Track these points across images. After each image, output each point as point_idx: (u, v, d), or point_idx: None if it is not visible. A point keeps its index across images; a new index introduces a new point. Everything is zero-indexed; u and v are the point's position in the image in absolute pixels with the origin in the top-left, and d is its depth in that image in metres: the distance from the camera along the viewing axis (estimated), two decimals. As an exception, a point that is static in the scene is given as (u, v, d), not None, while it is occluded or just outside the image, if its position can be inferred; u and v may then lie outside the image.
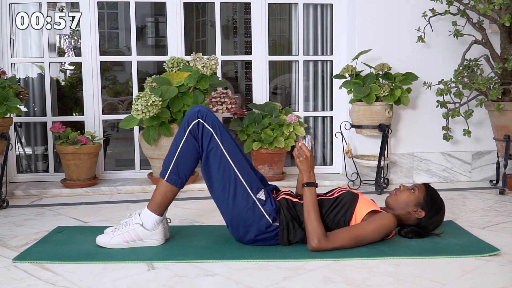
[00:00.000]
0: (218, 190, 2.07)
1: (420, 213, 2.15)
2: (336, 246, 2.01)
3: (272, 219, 2.06)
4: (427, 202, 2.14)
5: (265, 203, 2.07)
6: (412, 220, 2.18)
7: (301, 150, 2.09)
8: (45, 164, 3.91)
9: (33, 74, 3.93)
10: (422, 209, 2.14)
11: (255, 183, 2.09)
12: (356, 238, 2.03)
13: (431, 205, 2.15)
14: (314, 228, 2.00)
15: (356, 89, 3.32)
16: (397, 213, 2.17)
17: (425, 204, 2.14)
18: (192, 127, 2.08)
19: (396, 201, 2.18)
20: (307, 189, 2.06)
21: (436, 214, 2.17)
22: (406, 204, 2.15)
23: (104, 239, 2.09)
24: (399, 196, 2.17)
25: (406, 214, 2.17)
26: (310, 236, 2.00)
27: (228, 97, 3.33)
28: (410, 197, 2.15)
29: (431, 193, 2.17)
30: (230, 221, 2.09)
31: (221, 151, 2.06)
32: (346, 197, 2.12)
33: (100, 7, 3.81)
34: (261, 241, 2.10)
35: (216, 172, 2.06)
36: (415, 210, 2.15)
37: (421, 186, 2.19)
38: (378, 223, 2.05)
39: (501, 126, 3.28)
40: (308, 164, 2.08)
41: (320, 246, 1.99)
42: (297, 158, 2.10)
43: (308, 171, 2.08)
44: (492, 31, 3.57)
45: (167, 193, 2.09)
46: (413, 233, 2.18)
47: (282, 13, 5.86)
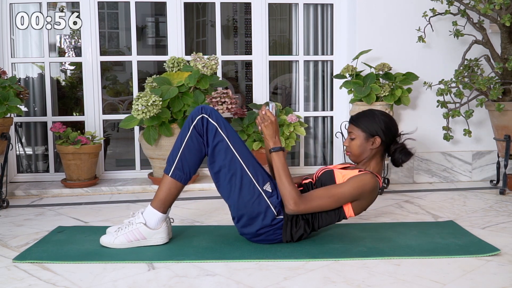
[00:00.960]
0: (225, 183, 2.07)
1: (376, 140, 2.16)
2: (313, 205, 2.02)
3: (277, 211, 2.07)
4: (368, 128, 2.16)
5: (271, 195, 2.07)
6: (379, 152, 2.19)
7: (266, 116, 2.10)
8: (46, 164, 3.91)
9: (34, 74, 3.93)
10: (372, 136, 2.16)
11: (261, 175, 2.09)
12: (334, 196, 2.04)
13: (372, 125, 2.16)
14: (288, 191, 2.01)
15: (357, 89, 3.32)
16: (366, 161, 2.19)
17: (369, 131, 2.16)
18: (197, 123, 2.08)
19: (353, 154, 2.20)
20: (275, 154, 2.07)
21: (385, 123, 2.17)
22: (360, 148, 2.17)
23: (107, 239, 2.09)
24: (351, 149, 2.20)
25: (371, 154, 2.18)
26: (285, 199, 2.01)
27: (228, 97, 3.33)
28: (357, 141, 2.18)
29: (363, 120, 2.18)
30: (237, 214, 2.09)
31: (227, 144, 2.07)
32: (324, 177, 2.14)
33: (101, 7, 3.81)
34: (263, 235, 2.09)
35: (222, 166, 2.06)
36: (371, 144, 2.16)
37: (350, 126, 2.21)
38: (354, 180, 2.06)
39: (501, 126, 3.28)
40: (273, 128, 2.09)
41: (297, 207, 2.00)
42: (262, 123, 2.10)
43: (273, 136, 2.10)
44: (493, 31, 3.57)
45: (171, 189, 2.09)
46: (399, 153, 2.18)
47: (282, 13, 5.87)
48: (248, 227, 2.09)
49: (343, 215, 2.12)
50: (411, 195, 3.25)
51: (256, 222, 2.06)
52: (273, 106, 2.13)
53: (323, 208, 2.06)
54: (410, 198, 3.14)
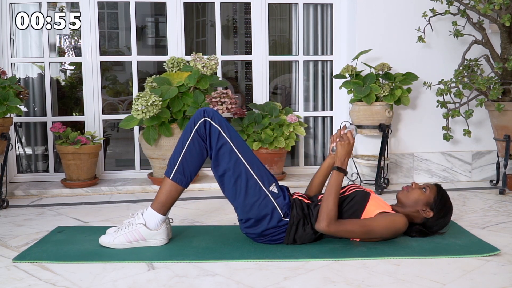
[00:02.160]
0: (230, 186, 2.07)
1: (429, 213, 2.15)
2: (343, 229, 2.03)
3: (284, 213, 2.06)
4: (437, 203, 2.14)
5: (278, 196, 2.07)
6: (419, 219, 2.18)
7: (345, 135, 2.14)
8: (45, 164, 3.91)
9: (33, 74, 3.93)
10: (431, 209, 2.15)
11: (266, 176, 2.09)
12: (365, 228, 2.04)
13: (441, 206, 2.15)
14: (329, 209, 2.01)
15: (356, 89, 3.32)
16: (406, 210, 2.17)
17: (435, 205, 2.14)
18: (199, 126, 2.08)
19: (407, 197, 2.18)
20: (336, 173, 2.09)
21: (444, 216, 2.18)
22: (416, 203, 2.16)
23: (107, 239, 2.09)
24: (410, 194, 2.18)
25: (414, 212, 2.17)
26: (321, 216, 2.01)
27: (228, 97, 3.33)
28: (421, 196, 2.16)
29: (442, 194, 2.17)
30: (243, 216, 2.09)
31: (230, 147, 2.06)
32: (358, 196, 2.13)
33: (100, 7, 3.81)
34: (268, 237, 2.09)
35: (227, 169, 2.06)
36: (424, 209, 2.15)
37: (432, 186, 2.20)
38: (389, 220, 2.07)
39: (501, 126, 3.28)
40: (347, 149, 2.13)
41: (328, 227, 2.00)
42: (339, 141, 2.13)
43: (344, 157, 2.12)
44: (492, 31, 3.57)
45: (171, 192, 2.09)
46: (416, 232, 2.19)
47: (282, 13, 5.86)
48: (254, 228, 2.09)
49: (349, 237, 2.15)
50: (411, 195, 3.25)
51: (262, 223, 2.06)
52: (355, 129, 2.20)
53: (351, 236, 2.08)
54: (410, 198, 3.14)
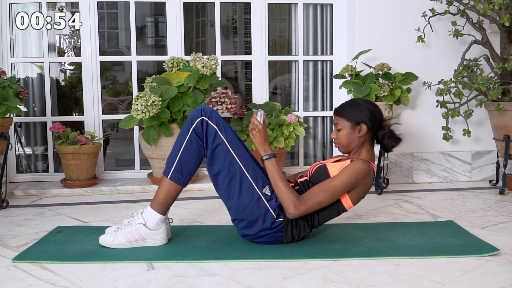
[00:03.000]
0: (224, 186, 2.07)
1: (363, 128, 2.15)
2: (312, 204, 2.02)
3: (277, 214, 2.07)
4: (353, 117, 2.14)
5: (270, 198, 2.07)
6: (368, 139, 2.18)
7: (253, 124, 2.11)
8: (45, 164, 3.91)
9: (33, 74, 3.93)
10: (358, 124, 2.14)
11: (261, 178, 2.09)
12: (330, 190, 2.04)
13: (356, 114, 2.15)
14: (286, 195, 2.01)
15: (356, 89, 3.32)
16: (356, 150, 2.18)
17: (354, 120, 2.14)
18: (196, 125, 2.08)
19: (342, 145, 2.19)
20: (267, 161, 2.08)
21: (369, 110, 2.16)
22: (348, 138, 2.16)
23: (107, 239, 2.09)
24: (339, 140, 2.19)
25: (359, 143, 2.17)
26: (285, 205, 2.02)
27: (227, 97, 3.33)
28: (343, 132, 2.16)
29: (347, 109, 2.17)
30: (236, 217, 2.09)
31: (226, 147, 2.06)
32: (318, 172, 2.14)
33: (100, 7, 3.80)
34: (264, 238, 2.10)
35: (222, 168, 2.06)
36: (358, 132, 2.15)
37: (335, 117, 2.19)
38: (346, 169, 2.06)
39: (500, 126, 3.28)
40: (261, 136, 2.10)
41: (298, 210, 2.00)
42: (250, 132, 2.12)
43: (263, 144, 2.10)
44: (492, 31, 3.57)
45: (170, 191, 2.09)
46: (388, 138, 2.17)
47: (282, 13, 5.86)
48: (248, 229, 2.09)
49: (342, 208, 2.13)
50: (410, 195, 3.26)
51: (256, 225, 2.06)
52: (262, 114, 2.14)
53: (323, 204, 2.06)
54: (410, 198, 3.14)
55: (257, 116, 2.12)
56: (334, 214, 2.14)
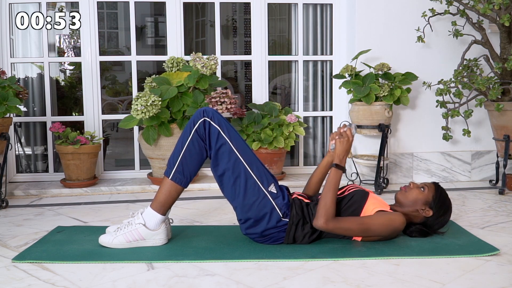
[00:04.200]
0: (229, 186, 2.07)
1: (428, 212, 2.15)
2: (341, 227, 2.03)
3: (283, 213, 2.06)
4: (436, 201, 2.14)
5: (276, 196, 2.07)
6: (418, 218, 2.18)
7: (345, 133, 2.15)
8: (45, 164, 3.91)
9: (33, 74, 3.93)
10: (431, 208, 2.15)
11: (266, 176, 2.09)
12: (363, 225, 2.04)
13: (440, 205, 2.15)
14: (327, 206, 2.01)
15: (356, 89, 3.32)
16: (405, 210, 2.17)
17: (434, 204, 2.14)
18: (198, 126, 2.08)
19: (405, 197, 2.18)
20: (335, 170, 2.10)
21: (444, 214, 2.18)
22: (415, 202, 2.16)
23: (106, 239, 2.09)
24: (409, 193, 2.18)
25: (413, 211, 2.17)
26: (320, 212, 2.01)
27: (227, 97, 3.33)
28: (419, 195, 2.16)
29: (440, 193, 2.17)
30: (242, 216, 2.09)
31: (230, 147, 2.06)
32: (356, 195, 2.12)
33: (100, 7, 3.80)
34: (268, 237, 2.09)
35: (226, 169, 2.06)
36: (423, 208, 2.15)
37: (431, 185, 2.19)
38: (387, 218, 2.06)
39: (500, 126, 3.28)
40: (346, 147, 2.13)
41: (326, 224, 2.01)
42: (338, 138, 2.13)
43: (343, 154, 2.12)
44: (492, 31, 3.57)
45: (171, 192, 2.09)
46: (417, 232, 2.19)
47: (281, 13, 5.86)
48: (253, 228, 2.09)
49: (350, 237, 2.15)
50: (410, 195, 3.25)
51: (261, 224, 2.06)
52: (354, 127, 2.20)
53: (349, 233, 2.08)
54: (410, 198, 3.14)
55: (352, 129, 2.19)
56: (339, 236, 2.15)
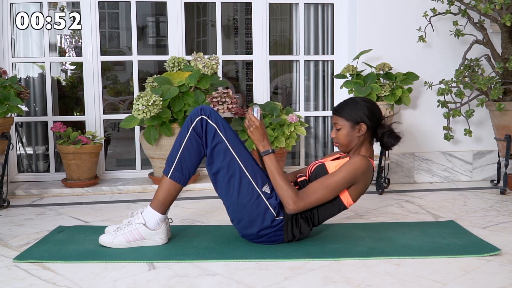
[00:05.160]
0: (223, 184, 2.07)
1: (362, 127, 2.14)
2: (311, 200, 2.03)
3: (277, 212, 2.07)
4: (352, 116, 2.14)
5: (270, 196, 2.07)
6: (368, 138, 2.18)
7: (250, 121, 2.10)
8: (46, 164, 3.92)
9: (34, 73, 3.93)
10: (358, 123, 2.14)
11: (260, 176, 2.09)
12: (329, 186, 2.03)
13: (355, 113, 2.14)
14: (285, 191, 2.02)
15: (357, 89, 3.32)
16: (356, 149, 2.18)
17: (353, 119, 2.14)
18: (196, 124, 2.08)
19: (342, 144, 2.18)
20: (266, 157, 2.08)
21: (369, 110, 2.16)
22: (348, 136, 2.15)
23: (106, 239, 2.09)
24: (338, 140, 2.18)
25: (358, 141, 2.17)
26: (284, 200, 2.02)
27: (229, 96, 3.33)
28: (343, 131, 2.15)
29: (346, 109, 2.16)
30: (235, 216, 2.09)
31: (226, 145, 2.06)
32: (317, 171, 2.14)
33: (101, 7, 3.80)
34: (264, 237, 2.10)
35: (221, 167, 2.06)
36: (358, 131, 2.15)
37: (334, 117, 2.19)
38: (346, 165, 2.06)
39: (502, 126, 3.28)
40: (259, 133, 2.09)
41: (297, 205, 2.01)
42: (248, 129, 2.11)
43: (261, 140, 2.10)
44: (493, 30, 3.57)
45: (170, 191, 2.09)
46: (387, 136, 2.17)
47: (283, 13, 5.86)
48: (248, 229, 2.09)
49: (342, 205, 2.12)
50: (411, 195, 3.25)
51: (255, 224, 2.06)
52: (258, 109, 2.12)
53: (322, 200, 2.06)
54: (411, 198, 3.14)
55: (253, 112, 2.10)
56: (334, 212, 2.14)
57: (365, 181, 2.11)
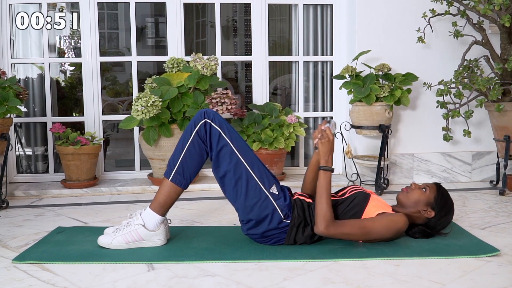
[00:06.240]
0: (230, 187, 2.07)
1: (430, 212, 2.14)
2: (343, 232, 2.02)
3: (285, 215, 2.06)
4: (437, 202, 2.14)
5: (278, 197, 2.07)
6: (421, 219, 2.18)
7: (324, 132, 2.11)
8: (45, 165, 3.91)
9: (33, 74, 3.93)
10: (433, 209, 2.14)
11: (267, 178, 2.09)
12: (364, 229, 2.03)
13: (442, 205, 2.15)
14: (324, 211, 2.01)
15: (356, 90, 3.32)
16: (407, 211, 2.16)
17: (436, 204, 2.14)
18: (199, 128, 2.07)
19: (407, 198, 2.17)
20: (323, 172, 2.07)
21: (446, 215, 2.17)
22: (417, 203, 2.15)
23: (105, 240, 2.09)
24: (410, 194, 2.17)
25: (415, 213, 2.16)
26: (318, 218, 2.01)
27: (228, 97, 3.33)
28: (421, 196, 2.15)
29: (442, 193, 2.17)
30: (244, 217, 2.08)
31: (231, 148, 2.06)
32: (358, 197, 2.11)
33: (100, 8, 3.80)
34: (269, 238, 2.09)
35: (228, 170, 2.06)
36: (425, 209, 2.14)
37: (432, 185, 2.19)
38: (388, 219, 2.06)
39: (501, 126, 3.28)
40: (328, 147, 2.10)
41: (327, 230, 2.00)
42: (319, 140, 2.11)
43: (327, 155, 2.10)
44: (492, 31, 3.57)
45: (171, 193, 2.09)
46: (420, 233, 2.18)
47: (282, 14, 5.86)
48: (255, 229, 2.09)
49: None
50: (410, 195, 3.25)
51: (263, 225, 2.06)
52: (333, 124, 2.15)
53: (350, 238, 2.08)
54: (410, 199, 3.14)
55: (329, 125, 2.13)
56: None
57: (389, 238, 2.12)
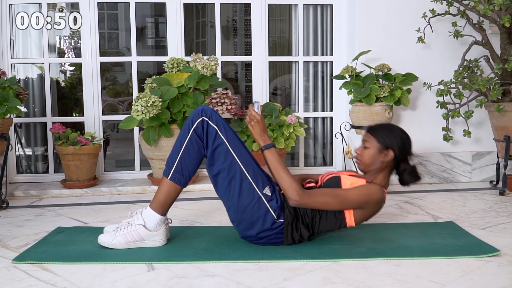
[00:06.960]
0: (223, 187, 2.07)
1: (389, 153, 2.14)
2: (317, 201, 2.01)
3: (277, 215, 2.06)
4: (384, 140, 2.14)
5: (271, 199, 2.07)
6: (390, 167, 2.17)
7: (251, 115, 2.10)
8: (45, 165, 3.91)
9: (33, 74, 3.93)
10: (387, 149, 2.14)
11: (261, 178, 2.09)
12: (339, 197, 2.03)
13: (389, 138, 2.14)
14: (289, 183, 2.01)
15: (356, 90, 3.32)
16: (375, 172, 2.17)
17: (385, 143, 2.14)
18: (197, 126, 2.08)
19: (364, 164, 2.18)
20: (267, 151, 2.08)
21: (402, 140, 2.16)
22: (373, 158, 2.15)
23: (106, 239, 2.09)
24: (362, 158, 2.18)
25: (381, 166, 2.16)
26: (288, 192, 2.01)
27: (228, 97, 3.33)
28: (370, 151, 2.15)
29: (380, 132, 2.16)
30: (236, 218, 2.08)
31: (226, 147, 2.06)
32: (330, 182, 2.12)
33: (100, 8, 3.80)
34: (264, 239, 2.09)
35: (222, 169, 2.05)
36: (384, 156, 2.14)
37: (367, 135, 2.19)
38: (362, 188, 2.06)
39: (501, 126, 3.28)
40: (259, 127, 2.09)
41: (300, 198, 1.99)
42: (249, 124, 2.11)
43: (262, 134, 2.09)
44: (492, 31, 3.57)
45: (170, 192, 2.09)
46: (407, 174, 2.17)
47: (282, 14, 5.87)
48: (248, 230, 2.08)
49: (343, 223, 2.11)
50: (410, 195, 3.25)
51: (256, 226, 2.06)
52: (258, 105, 2.13)
53: (327, 206, 2.04)
54: (410, 199, 3.14)
55: (254, 107, 2.12)
56: (334, 227, 2.12)
57: (373, 210, 2.12)
